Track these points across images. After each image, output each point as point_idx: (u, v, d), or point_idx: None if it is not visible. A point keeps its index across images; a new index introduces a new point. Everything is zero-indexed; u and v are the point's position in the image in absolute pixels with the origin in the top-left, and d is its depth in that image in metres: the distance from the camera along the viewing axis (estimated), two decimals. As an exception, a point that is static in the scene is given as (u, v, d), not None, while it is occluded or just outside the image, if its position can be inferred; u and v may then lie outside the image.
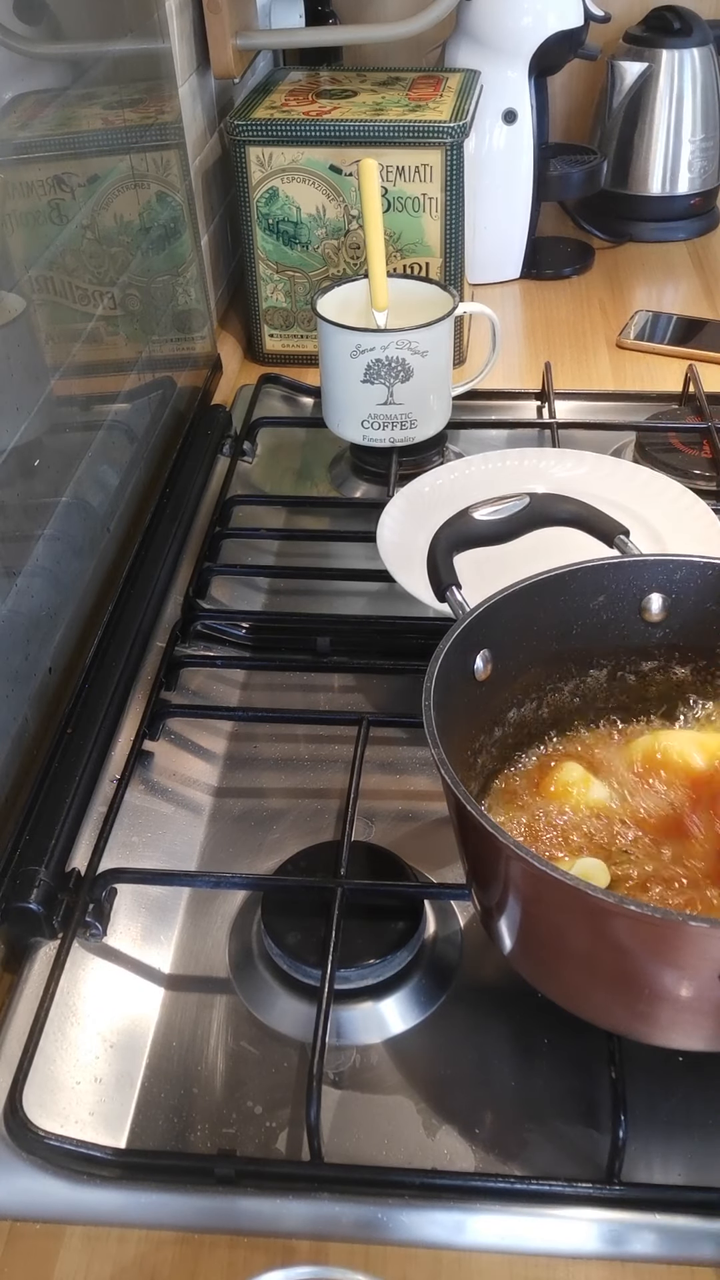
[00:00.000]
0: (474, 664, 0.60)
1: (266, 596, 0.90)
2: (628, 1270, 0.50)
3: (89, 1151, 0.53)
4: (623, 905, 0.45)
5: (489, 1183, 0.52)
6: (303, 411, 1.13)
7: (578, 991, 0.54)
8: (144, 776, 0.73)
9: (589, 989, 0.54)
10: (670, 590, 0.63)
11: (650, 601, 0.63)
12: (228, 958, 0.63)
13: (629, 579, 0.62)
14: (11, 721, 0.67)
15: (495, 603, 0.60)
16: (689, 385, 1.08)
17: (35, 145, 0.74)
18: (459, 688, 0.58)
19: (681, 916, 0.47)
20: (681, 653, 0.65)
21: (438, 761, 0.51)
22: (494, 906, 0.54)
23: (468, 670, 0.59)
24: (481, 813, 0.49)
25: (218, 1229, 0.52)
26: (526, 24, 1.25)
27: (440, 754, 0.51)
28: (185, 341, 1.06)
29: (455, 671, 0.58)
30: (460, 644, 0.58)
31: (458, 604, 0.61)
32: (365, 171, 0.95)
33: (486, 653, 0.60)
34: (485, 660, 0.60)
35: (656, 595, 0.63)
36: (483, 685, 0.60)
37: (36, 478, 0.71)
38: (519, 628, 0.61)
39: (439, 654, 0.56)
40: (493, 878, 0.53)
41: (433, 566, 0.62)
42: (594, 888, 0.46)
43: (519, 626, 0.61)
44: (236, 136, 1.09)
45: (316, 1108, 0.53)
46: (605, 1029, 0.55)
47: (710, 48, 1.38)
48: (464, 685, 0.59)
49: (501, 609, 0.60)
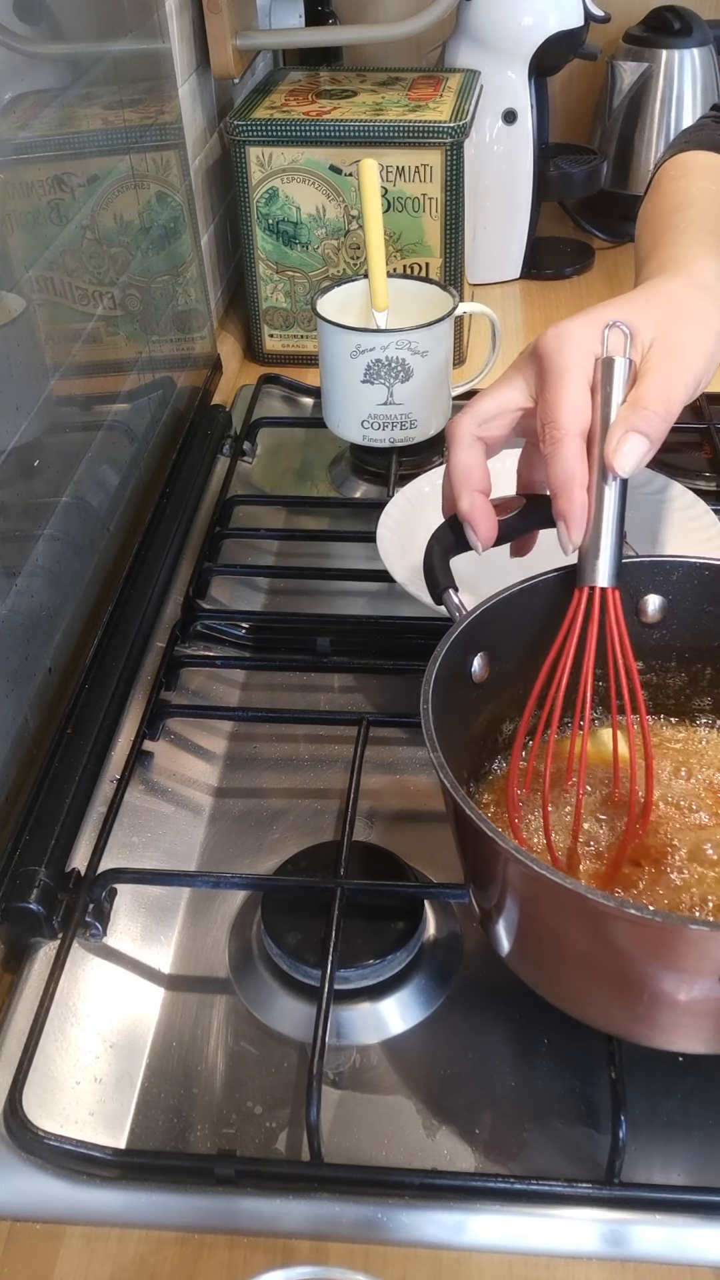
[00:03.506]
0: (472, 666, 0.60)
1: (266, 596, 0.90)
2: (628, 1270, 0.50)
3: (89, 1151, 0.53)
4: (623, 909, 0.45)
5: (489, 1183, 0.52)
6: (303, 411, 1.13)
7: (576, 994, 0.54)
8: (144, 776, 0.73)
9: (588, 992, 0.54)
10: (667, 592, 0.63)
11: (647, 603, 0.63)
12: (228, 958, 0.63)
13: (625, 580, 0.62)
14: (11, 721, 0.67)
15: (492, 605, 0.60)
16: (689, 385, 1.08)
17: (35, 145, 0.74)
18: (457, 690, 0.58)
19: (682, 919, 0.47)
20: (679, 654, 0.65)
21: (436, 765, 0.51)
22: (492, 909, 0.54)
23: (465, 672, 0.59)
24: (479, 815, 0.49)
25: (217, 1229, 0.52)
26: (526, 24, 1.25)
27: (439, 757, 0.51)
28: (185, 341, 1.06)
29: (453, 674, 0.58)
30: (458, 646, 0.58)
31: (454, 606, 0.61)
32: (365, 171, 0.95)
33: (484, 655, 0.60)
34: (483, 662, 0.60)
35: (653, 597, 0.63)
36: (480, 687, 0.60)
37: (36, 478, 0.71)
38: (516, 630, 0.61)
39: (436, 657, 0.56)
40: (490, 880, 0.53)
41: (429, 569, 0.62)
42: (593, 891, 0.46)
43: (516, 628, 0.61)
44: (236, 136, 1.09)
45: (316, 1108, 0.53)
46: (605, 1032, 0.55)
47: (710, 48, 1.38)
48: (462, 687, 0.59)
49: (498, 611, 0.60)
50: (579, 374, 0.57)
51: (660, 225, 0.72)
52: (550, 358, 0.58)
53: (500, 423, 0.60)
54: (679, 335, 0.58)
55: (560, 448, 0.56)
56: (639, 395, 0.56)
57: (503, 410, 0.60)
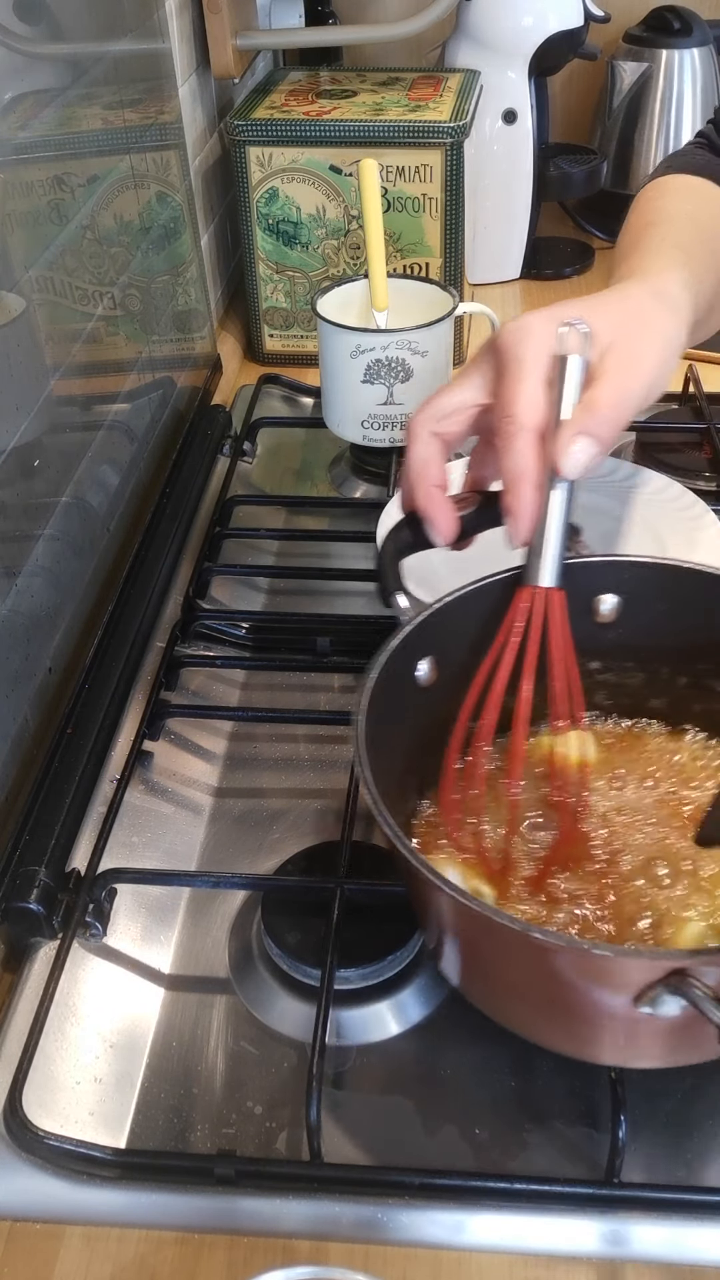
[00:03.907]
0: (417, 670, 0.59)
1: (266, 596, 0.90)
2: (628, 1270, 0.50)
3: (89, 1151, 0.53)
4: (527, 932, 0.45)
5: (489, 1183, 0.52)
6: (303, 411, 1.13)
7: (520, 1019, 0.55)
8: (144, 776, 0.73)
9: (531, 1016, 0.54)
10: (621, 591, 0.63)
11: (602, 602, 0.63)
12: (228, 958, 0.63)
13: (578, 580, 0.61)
14: (11, 721, 0.67)
15: (439, 608, 0.59)
16: (689, 385, 1.08)
17: (35, 145, 0.74)
18: (404, 694, 0.58)
19: (585, 944, 0.46)
20: (635, 653, 0.65)
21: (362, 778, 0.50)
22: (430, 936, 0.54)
23: (411, 676, 0.59)
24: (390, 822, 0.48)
25: (217, 1229, 0.52)
26: (526, 24, 1.25)
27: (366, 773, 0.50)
28: (185, 341, 1.06)
29: (399, 678, 0.57)
30: (402, 651, 0.57)
31: (402, 610, 0.60)
32: (365, 171, 0.95)
33: (432, 659, 0.60)
34: (431, 666, 0.60)
35: (608, 596, 0.63)
36: (428, 691, 0.60)
37: (36, 478, 0.71)
38: (463, 633, 0.60)
39: (378, 663, 0.55)
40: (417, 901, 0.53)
41: (380, 570, 0.61)
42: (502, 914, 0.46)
43: (463, 631, 0.60)
44: (236, 136, 1.09)
45: (317, 1108, 0.53)
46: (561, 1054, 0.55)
47: (710, 48, 1.38)
48: (409, 691, 0.59)
49: (446, 614, 0.59)
50: (537, 369, 0.56)
51: (634, 240, 0.72)
52: (508, 351, 0.57)
53: (457, 419, 0.60)
54: (635, 341, 0.58)
55: (514, 441, 0.56)
56: (593, 398, 0.55)
57: (460, 406, 0.60)
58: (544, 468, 0.56)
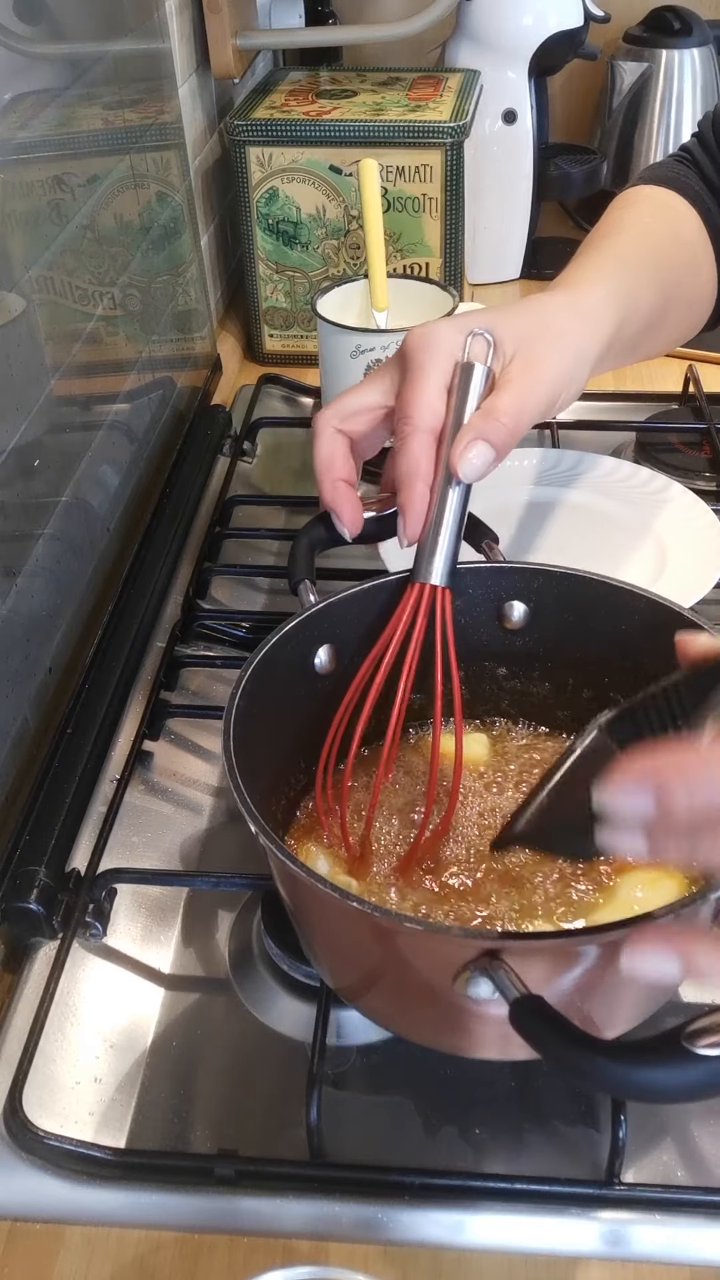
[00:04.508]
0: (316, 658, 0.60)
1: (266, 596, 0.90)
2: (628, 1270, 0.50)
3: (89, 1151, 0.53)
4: (345, 900, 0.45)
5: (489, 1183, 0.52)
6: (303, 412, 1.13)
7: (375, 1010, 0.55)
8: (144, 776, 0.73)
9: (382, 1006, 0.54)
10: (529, 599, 0.63)
11: (511, 609, 0.63)
12: (228, 958, 0.63)
13: (487, 584, 0.62)
14: (11, 721, 0.67)
15: (334, 600, 0.60)
16: (689, 385, 1.08)
17: (35, 145, 0.74)
18: (302, 681, 0.59)
19: (400, 917, 0.46)
20: (542, 662, 0.65)
21: (226, 763, 0.50)
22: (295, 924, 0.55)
23: (309, 664, 0.60)
24: (247, 803, 0.48)
25: (217, 1229, 0.52)
26: (526, 24, 1.25)
27: (230, 757, 0.50)
28: (185, 341, 1.06)
29: (296, 665, 0.59)
30: (294, 637, 0.58)
31: (306, 599, 0.61)
32: (365, 171, 0.95)
33: (330, 647, 0.60)
34: (330, 654, 0.60)
35: (516, 603, 0.63)
36: (326, 678, 0.60)
37: (36, 478, 0.71)
38: (360, 625, 0.60)
39: (262, 646, 0.56)
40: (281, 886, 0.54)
41: (291, 559, 0.62)
42: (325, 881, 0.45)
43: (360, 624, 0.60)
44: (236, 136, 1.09)
45: (317, 1108, 0.53)
46: (418, 1042, 0.55)
47: (710, 48, 1.38)
48: (307, 678, 0.60)
49: (343, 606, 0.60)
50: (437, 374, 0.58)
51: (582, 250, 0.74)
52: (412, 356, 0.59)
53: (362, 419, 0.61)
54: (541, 351, 0.59)
55: (408, 442, 0.57)
56: (492, 405, 0.57)
57: (364, 407, 0.61)
58: (437, 468, 0.57)
